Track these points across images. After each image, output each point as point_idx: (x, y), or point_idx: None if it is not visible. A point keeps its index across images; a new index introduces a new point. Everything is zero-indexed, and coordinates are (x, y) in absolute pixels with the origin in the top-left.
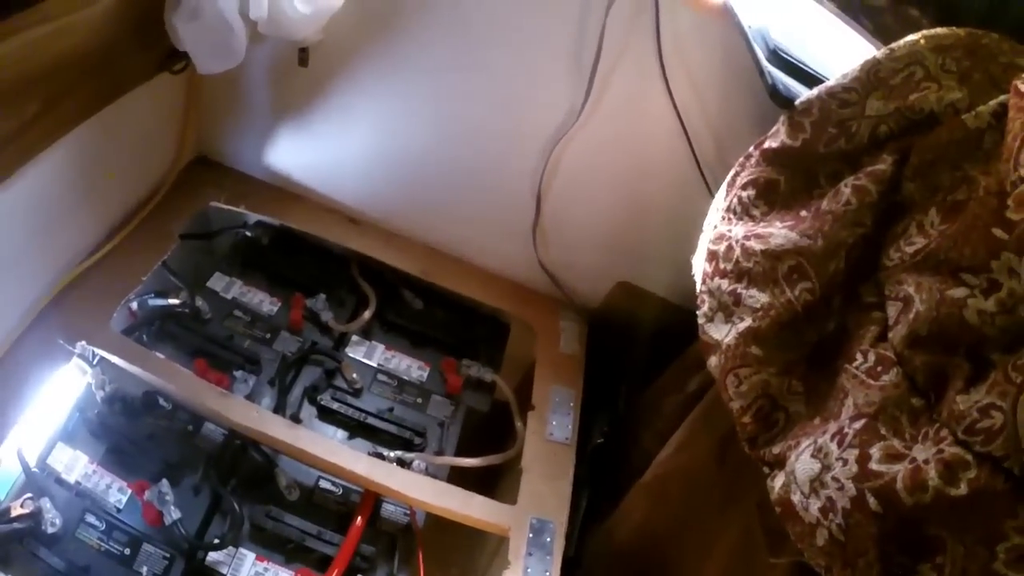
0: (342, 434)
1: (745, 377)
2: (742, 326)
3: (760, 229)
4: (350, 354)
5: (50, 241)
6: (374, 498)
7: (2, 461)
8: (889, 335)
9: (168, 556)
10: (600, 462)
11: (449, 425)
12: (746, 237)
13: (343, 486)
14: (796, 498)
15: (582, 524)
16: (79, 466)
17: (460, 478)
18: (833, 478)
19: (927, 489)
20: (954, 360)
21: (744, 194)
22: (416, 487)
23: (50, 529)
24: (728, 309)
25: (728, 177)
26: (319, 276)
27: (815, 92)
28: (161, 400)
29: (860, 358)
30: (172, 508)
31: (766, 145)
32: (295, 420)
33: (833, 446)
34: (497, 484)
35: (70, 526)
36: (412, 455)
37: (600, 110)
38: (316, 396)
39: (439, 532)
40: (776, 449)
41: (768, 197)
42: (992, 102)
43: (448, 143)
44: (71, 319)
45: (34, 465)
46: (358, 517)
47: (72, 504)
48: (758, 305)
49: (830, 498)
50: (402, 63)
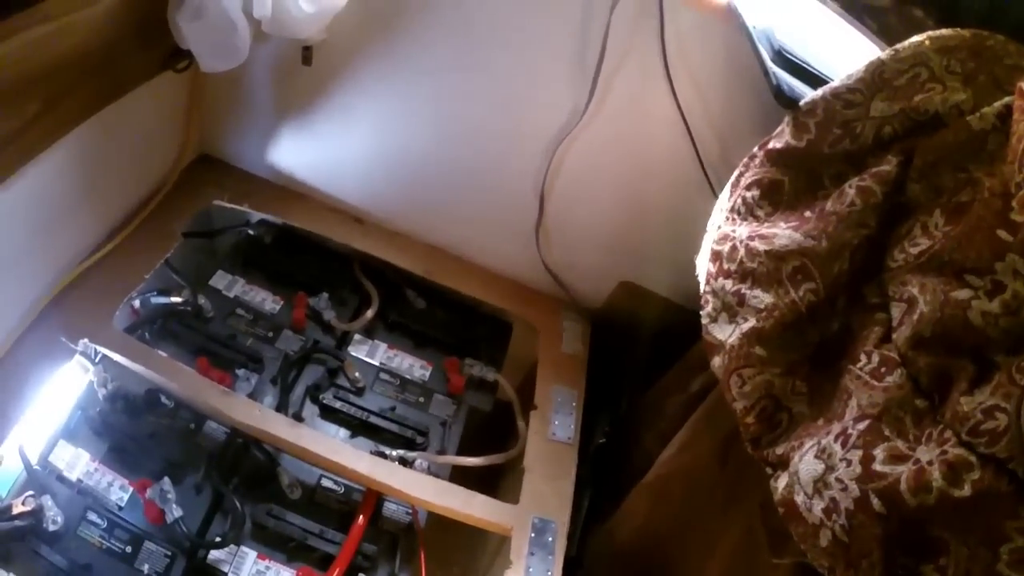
0: (344, 433)
1: (749, 377)
2: (746, 326)
3: (764, 230)
4: (352, 353)
5: (52, 240)
6: (376, 497)
7: (4, 459)
8: (893, 336)
9: (169, 554)
10: (602, 462)
11: (451, 424)
12: (750, 237)
13: (345, 485)
14: (799, 499)
15: (584, 524)
16: (81, 464)
17: (462, 477)
18: (837, 479)
19: (931, 490)
20: (958, 362)
21: (748, 194)
22: (418, 486)
23: (52, 527)
24: (732, 309)
25: (732, 177)
26: (322, 275)
27: (820, 93)
28: (163, 398)
29: (864, 359)
30: (174, 506)
31: (770, 146)
32: (297, 419)
33: (837, 447)
34: (499, 484)
35: (72, 524)
36: (414, 454)
37: (603, 110)
38: (318, 395)
39: (441, 531)
40: (779, 450)
41: (772, 198)
42: (997, 104)
43: (451, 143)
44: (73, 317)
45: (36, 463)
46: (360, 516)
47: (74, 502)
48: (762, 306)
49: (834, 499)
50: (405, 63)
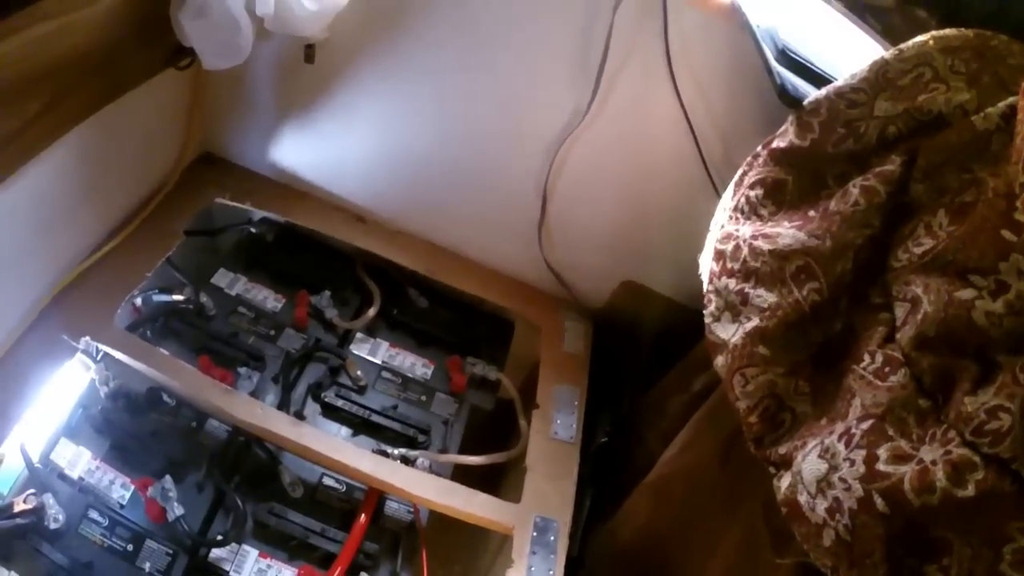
0: (346, 431)
1: (752, 377)
2: (749, 326)
3: (768, 229)
4: (354, 351)
5: (54, 238)
6: (378, 495)
7: (5, 457)
8: (897, 336)
9: (171, 552)
10: (604, 462)
11: (453, 423)
12: (754, 237)
13: (347, 483)
14: (803, 498)
15: (586, 524)
16: (82, 462)
17: (464, 476)
18: (840, 479)
19: (934, 490)
20: (962, 362)
21: (752, 193)
22: (420, 485)
23: (53, 525)
24: (735, 309)
25: (736, 176)
26: (324, 273)
27: (823, 92)
28: (165, 396)
29: (867, 359)
30: (175, 504)
31: (774, 145)
32: (299, 417)
33: (840, 447)
34: (501, 482)
35: (73, 522)
36: (416, 453)
37: (606, 110)
38: (320, 393)
39: (443, 530)
40: (782, 449)
41: (776, 197)
42: (1001, 104)
43: (453, 142)
44: (75, 315)
45: (37, 461)
46: (361, 515)
47: (75, 500)
48: (765, 305)
49: (837, 499)
50: (408, 62)
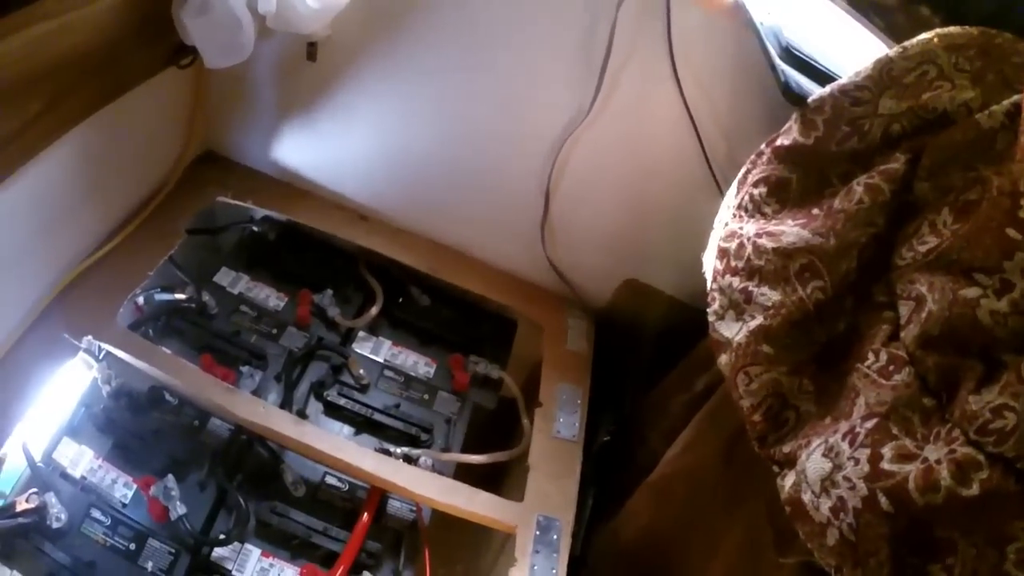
0: (348, 430)
1: (755, 375)
2: (753, 324)
3: (772, 227)
4: (357, 350)
5: (55, 237)
6: (380, 495)
7: (8, 456)
8: (901, 335)
9: (173, 551)
10: (606, 461)
11: (456, 422)
12: (758, 235)
13: (349, 482)
14: (807, 497)
15: (588, 523)
16: (84, 461)
17: (466, 475)
18: (844, 477)
19: (939, 489)
20: (966, 360)
21: (756, 191)
22: (422, 484)
23: (55, 524)
24: (739, 307)
25: (739, 174)
26: (326, 272)
27: (828, 90)
28: (167, 395)
29: (872, 357)
30: (178, 503)
31: (778, 142)
32: (301, 416)
33: (844, 445)
34: (503, 481)
35: (75, 521)
36: (418, 451)
37: (609, 109)
38: (322, 392)
39: (445, 529)
40: (786, 448)
41: (780, 195)
42: (1005, 102)
43: (456, 142)
44: (77, 314)
45: (39, 460)
46: (364, 513)
47: (77, 499)
48: (769, 303)
49: (841, 498)
50: (410, 62)
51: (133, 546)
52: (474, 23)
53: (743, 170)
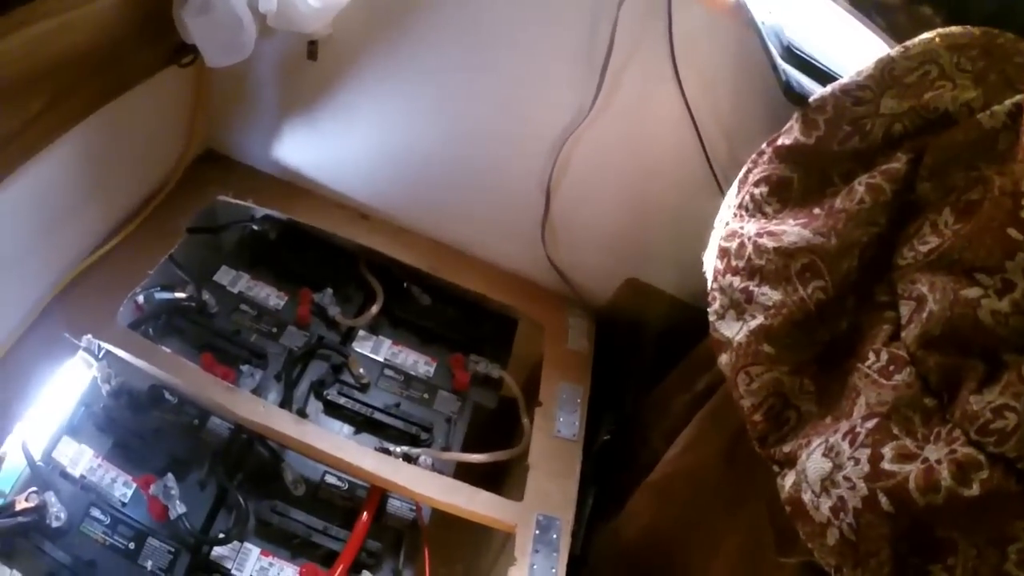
0: (348, 429)
1: (756, 375)
2: (754, 324)
3: (773, 226)
4: (357, 349)
5: (56, 236)
6: (380, 494)
7: (7, 455)
8: (902, 334)
9: (173, 550)
10: (607, 461)
11: (456, 421)
12: (759, 234)
13: (349, 481)
14: (807, 497)
15: (588, 522)
16: (84, 460)
17: (466, 474)
18: (845, 477)
19: (939, 489)
20: (967, 360)
21: (757, 191)
22: (422, 483)
23: (55, 523)
24: (740, 307)
25: (740, 173)
26: (326, 271)
27: (829, 89)
28: (167, 394)
29: (872, 357)
30: (177, 502)
31: (779, 142)
32: (301, 415)
33: (845, 445)
34: (503, 480)
35: (75, 520)
36: (418, 451)
37: (611, 108)
38: (322, 391)
39: (445, 528)
40: (787, 448)
41: (781, 194)
42: (1007, 102)
43: (457, 141)
44: (77, 313)
45: (39, 459)
46: (364, 513)
47: (77, 498)
48: (770, 303)
49: (841, 497)
50: (411, 61)
51: (133, 545)
52: (476, 22)
53: (744, 169)
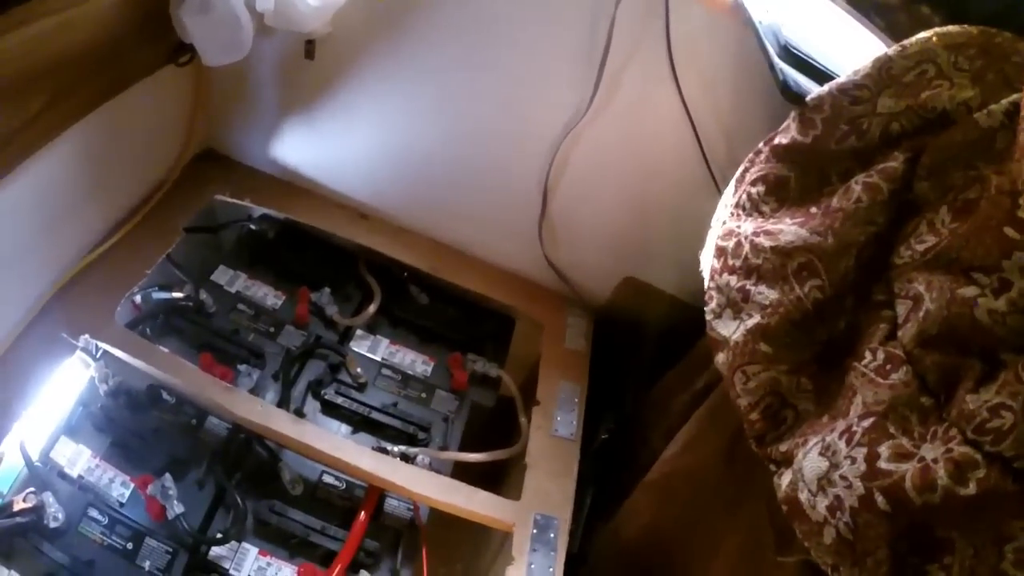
0: (346, 429)
1: (753, 374)
2: (751, 323)
3: (770, 225)
4: (355, 348)
5: (55, 235)
6: (378, 493)
7: (5, 455)
8: (899, 333)
9: (171, 550)
10: (606, 460)
11: (453, 420)
12: (755, 233)
13: (347, 481)
14: (803, 496)
15: (587, 522)
16: (82, 460)
17: (464, 473)
18: (841, 476)
19: (936, 488)
20: (964, 360)
21: (754, 190)
22: (420, 482)
23: (53, 523)
24: (737, 306)
25: (737, 173)
26: (324, 270)
27: (827, 88)
28: (165, 394)
29: (869, 356)
30: (175, 502)
31: (776, 141)
32: (299, 415)
33: (841, 444)
34: (501, 480)
35: (73, 520)
36: (416, 450)
37: (609, 107)
38: (320, 390)
39: (443, 528)
40: (784, 447)
41: (778, 193)
42: (1005, 101)
43: (455, 140)
44: (75, 313)
45: (37, 459)
46: (362, 512)
47: (75, 498)
48: (767, 302)
49: (838, 496)
50: (410, 61)
51: (131, 545)
52: (475, 21)
53: (741, 168)
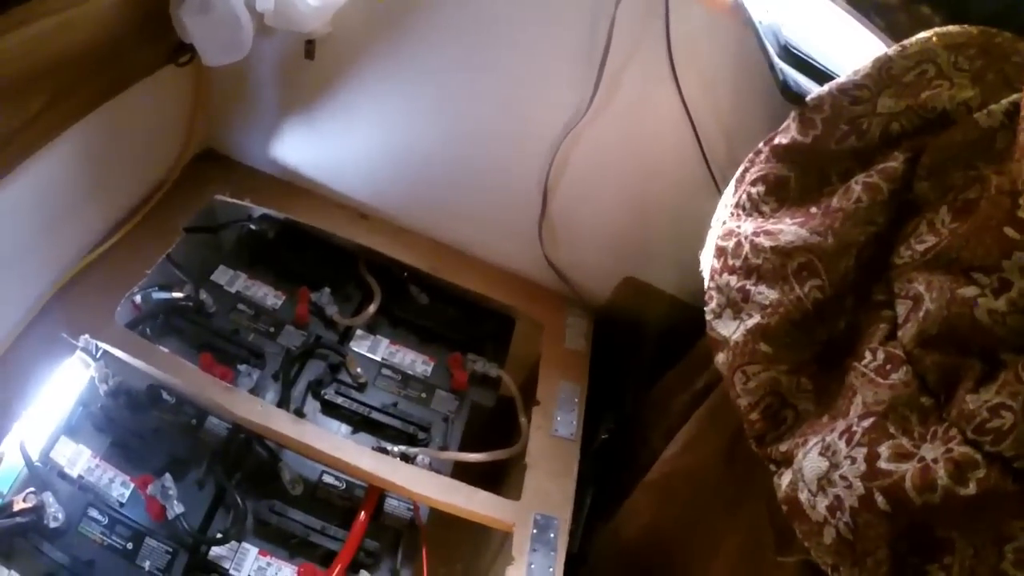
0: (346, 429)
1: (753, 374)
2: (751, 323)
3: (770, 225)
4: (354, 348)
5: (55, 235)
6: (378, 493)
7: (5, 455)
8: (899, 333)
9: (171, 550)
10: (606, 460)
11: (453, 420)
12: (755, 233)
13: (347, 481)
14: (803, 496)
15: (587, 522)
16: (82, 460)
17: (464, 473)
18: (841, 476)
19: (936, 489)
20: (964, 360)
21: (754, 190)
22: (420, 482)
23: (53, 523)
24: (737, 306)
25: (737, 173)
26: (324, 270)
27: (827, 88)
28: (165, 394)
29: (869, 356)
30: (175, 502)
31: (776, 141)
32: (299, 415)
33: (841, 444)
34: (501, 480)
35: (73, 520)
36: (416, 450)
37: (609, 108)
38: (320, 390)
39: (443, 528)
40: (784, 447)
41: (778, 193)
42: (1005, 101)
43: (456, 140)
44: (75, 313)
45: (37, 459)
46: (362, 512)
47: (75, 498)
48: (767, 302)
49: (838, 496)
50: (411, 61)
51: (131, 545)
52: (475, 22)
53: (741, 168)
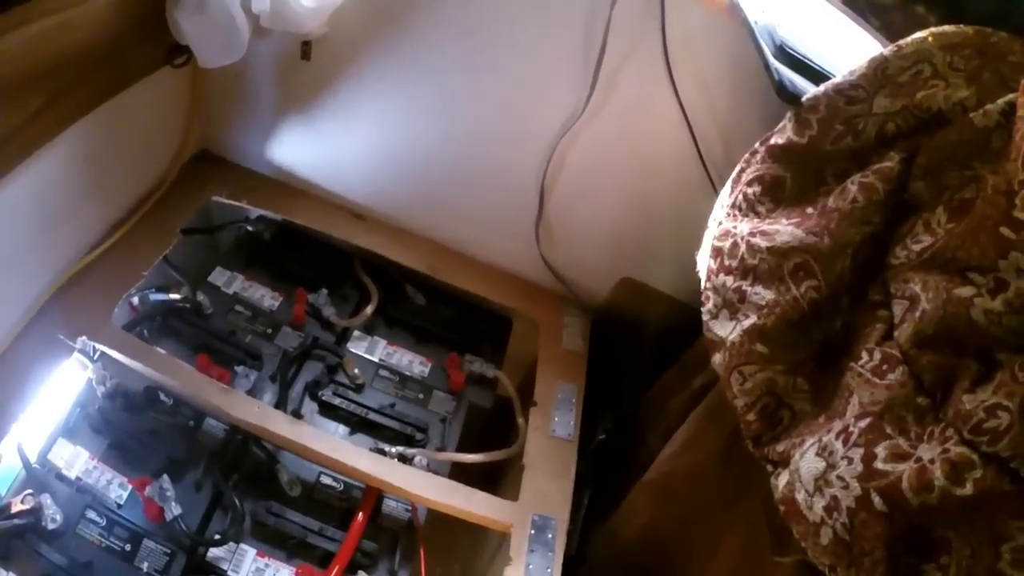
0: (343, 430)
1: (750, 375)
2: (747, 323)
3: (766, 226)
4: (352, 349)
5: (52, 236)
6: (375, 494)
7: (3, 457)
8: (895, 334)
9: (169, 552)
10: (604, 460)
11: (451, 421)
12: (751, 234)
13: (344, 482)
14: (800, 496)
15: (585, 522)
16: (80, 462)
17: (462, 474)
18: (838, 477)
19: (933, 489)
20: (961, 360)
21: (750, 190)
22: (418, 483)
23: (51, 525)
24: (733, 306)
25: (734, 173)
26: (321, 271)
27: (822, 89)
28: (162, 395)
29: (865, 356)
30: (173, 504)
31: (772, 141)
32: (296, 416)
33: (838, 445)
34: (499, 480)
35: (71, 522)
36: (414, 451)
37: (605, 108)
38: (317, 392)
39: (441, 528)
40: (780, 447)
41: (774, 194)
42: (1000, 101)
43: (453, 141)
44: (72, 314)
45: (35, 461)
46: (359, 513)
47: (73, 500)
48: (763, 302)
49: (835, 497)
50: (409, 61)
51: (129, 547)
52: (474, 22)
53: (737, 169)
